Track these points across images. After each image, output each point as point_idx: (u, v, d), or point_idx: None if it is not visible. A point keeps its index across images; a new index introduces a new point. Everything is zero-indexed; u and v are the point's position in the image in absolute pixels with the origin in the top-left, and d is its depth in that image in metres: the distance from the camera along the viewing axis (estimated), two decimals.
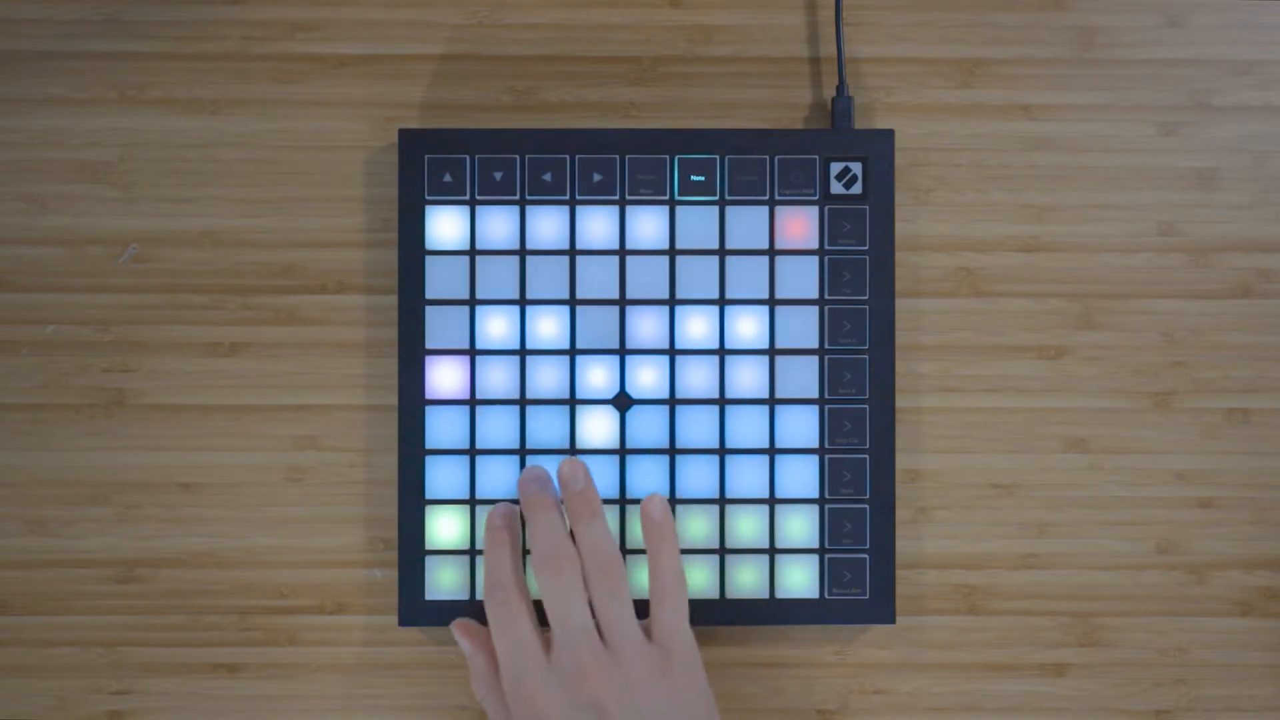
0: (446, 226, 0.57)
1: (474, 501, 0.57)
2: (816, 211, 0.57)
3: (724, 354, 0.57)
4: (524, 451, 0.57)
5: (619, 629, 0.52)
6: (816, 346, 0.57)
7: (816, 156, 0.57)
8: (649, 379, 0.57)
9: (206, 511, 0.58)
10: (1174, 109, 0.59)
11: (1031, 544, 0.59)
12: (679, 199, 0.57)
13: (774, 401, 0.57)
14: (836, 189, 0.57)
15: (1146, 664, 0.59)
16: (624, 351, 0.57)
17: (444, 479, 0.57)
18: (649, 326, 0.57)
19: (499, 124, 0.58)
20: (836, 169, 0.57)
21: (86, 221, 0.58)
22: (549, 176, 0.57)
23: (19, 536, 0.58)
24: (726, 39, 0.59)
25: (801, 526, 0.57)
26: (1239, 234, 0.59)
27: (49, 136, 0.58)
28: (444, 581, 0.56)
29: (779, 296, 0.57)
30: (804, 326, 0.57)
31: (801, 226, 0.57)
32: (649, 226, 0.57)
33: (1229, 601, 0.59)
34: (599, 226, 0.57)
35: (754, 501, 0.57)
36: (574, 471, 0.55)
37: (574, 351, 0.57)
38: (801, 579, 0.57)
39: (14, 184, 0.58)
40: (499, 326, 0.57)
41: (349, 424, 0.58)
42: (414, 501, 0.56)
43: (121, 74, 0.58)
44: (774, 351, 0.57)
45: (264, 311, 0.58)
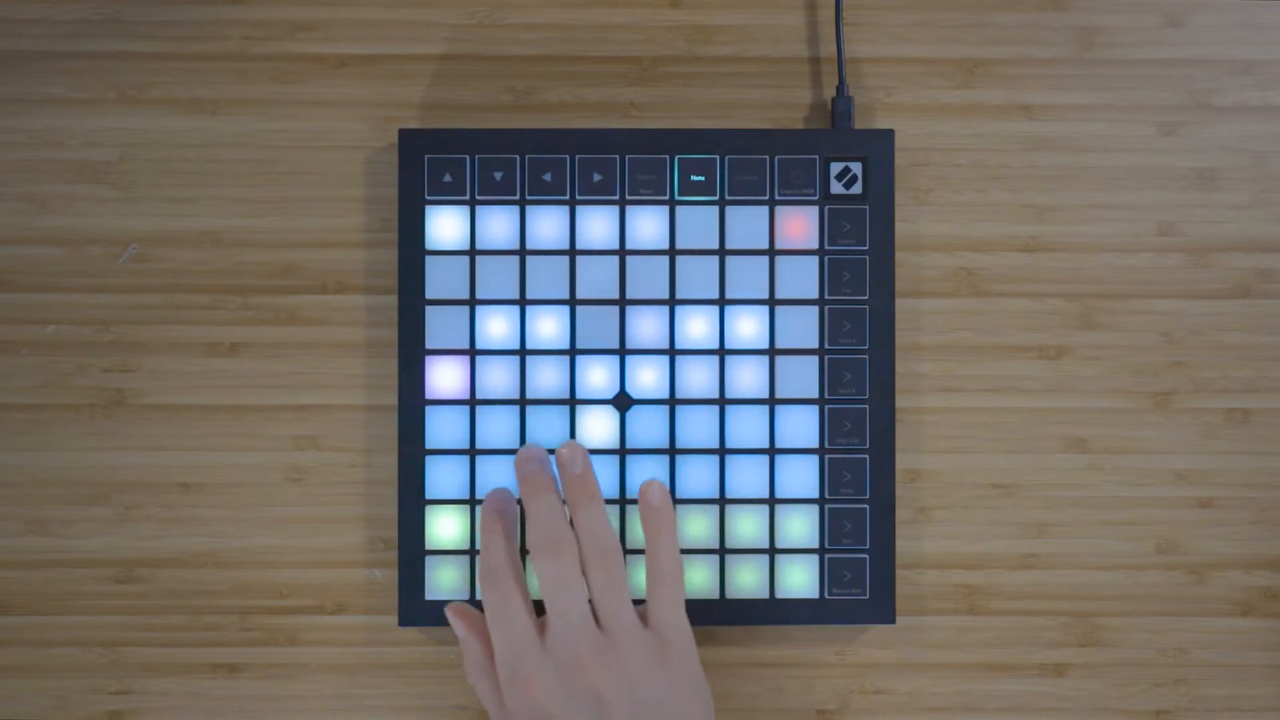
0: (446, 226, 0.57)
1: (474, 502, 0.57)
2: (816, 211, 0.57)
3: (724, 354, 0.57)
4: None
5: (615, 616, 0.52)
6: (816, 346, 0.57)
7: (816, 156, 0.57)
8: (649, 379, 0.57)
9: (206, 511, 0.58)
10: (1174, 109, 0.59)
11: (1031, 544, 0.59)
12: (679, 199, 0.57)
13: (774, 401, 0.57)
14: (836, 189, 0.57)
15: (1146, 664, 0.59)
16: (624, 351, 0.57)
17: (444, 479, 0.57)
18: (649, 326, 0.57)
19: (499, 124, 0.58)
20: (836, 169, 0.57)
21: (86, 221, 0.58)
22: (549, 176, 0.57)
23: (19, 536, 0.58)
24: (726, 39, 0.59)
25: (801, 526, 0.57)
26: (1239, 234, 0.59)
27: (49, 136, 0.58)
28: (444, 581, 0.56)
29: (779, 296, 0.57)
30: (804, 326, 0.57)
31: (801, 226, 0.57)
32: (649, 226, 0.57)
33: (1229, 601, 0.59)
34: (599, 226, 0.57)
35: (754, 501, 0.57)
36: (572, 455, 0.54)
37: (574, 351, 0.57)
38: (801, 579, 0.57)
39: (14, 184, 0.58)
40: (499, 326, 0.57)
41: (349, 424, 0.58)
42: (414, 501, 0.56)
43: (121, 74, 0.58)
44: (774, 351, 0.57)
45: (264, 311, 0.58)
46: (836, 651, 0.59)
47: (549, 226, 0.57)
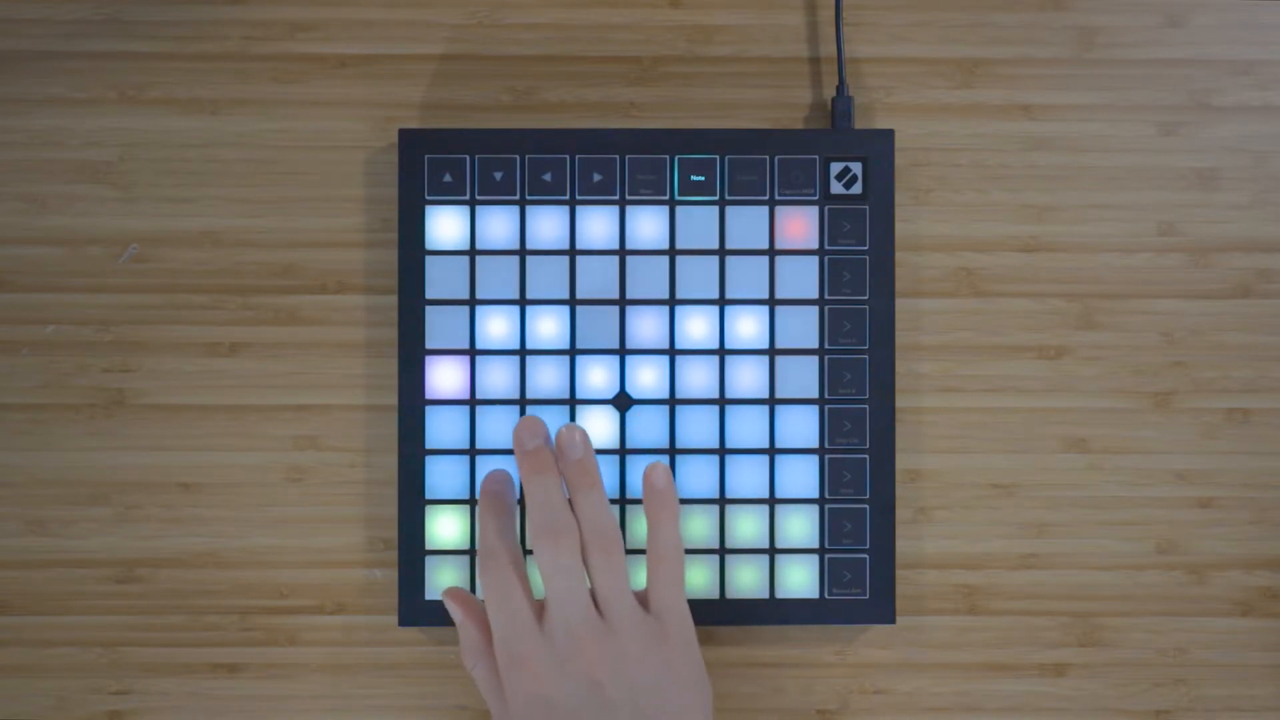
0: (446, 226, 0.57)
1: (474, 502, 0.56)
2: (816, 211, 0.57)
3: (724, 354, 0.57)
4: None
5: (614, 600, 0.52)
6: (816, 346, 0.57)
7: (816, 156, 0.57)
8: (649, 379, 0.57)
9: (206, 511, 0.58)
10: (1174, 109, 0.59)
11: (1031, 544, 0.59)
12: (679, 199, 0.57)
13: (774, 401, 0.57)
14: (836, 189, 0.57)
15: (1146, 664, 0.59)
16: (624, 351, 0.57)
17: (444, 479, 0.57)
18: (649, 326, 0.57)
19: (499, 124, 0.58)
20: (836, 169, 0.57)
21: (86, 221, 0.58)
22: (549, 176, 0.57)
23: (19, 536, 0.58)
24: (726, 39, 0.59)
25: (801, 526, 0.57)
26: (1239, 234, 0.59)
27: (49, 136, 0.58)
28: (444, 581, 0.56)
29: (779, 296, 0.57)
30: (804, 326, 0.57)
31: (801, 226, 0.57)
32: (649, 226, 0.57)
33: (1229, 601, 0.59)
34: (599, 226, 0.57)
35: (754, 501, 0.57)
36: (571, 438, 0.53)
37: (574, 351, 0.57)
38: (801, 579, 0.57)
39: (14, 184, 0.58)
40: (499, 326, 0.57)
41: (349, 424, 0.58)
42: (414, 501, 0.56)
43: (121, 74, 0.58)
44: (774, 351, 0.57)
45: (264, 311, 0.58)
46: (836, 651, 0.59)
47: (549, 226, 0.57)
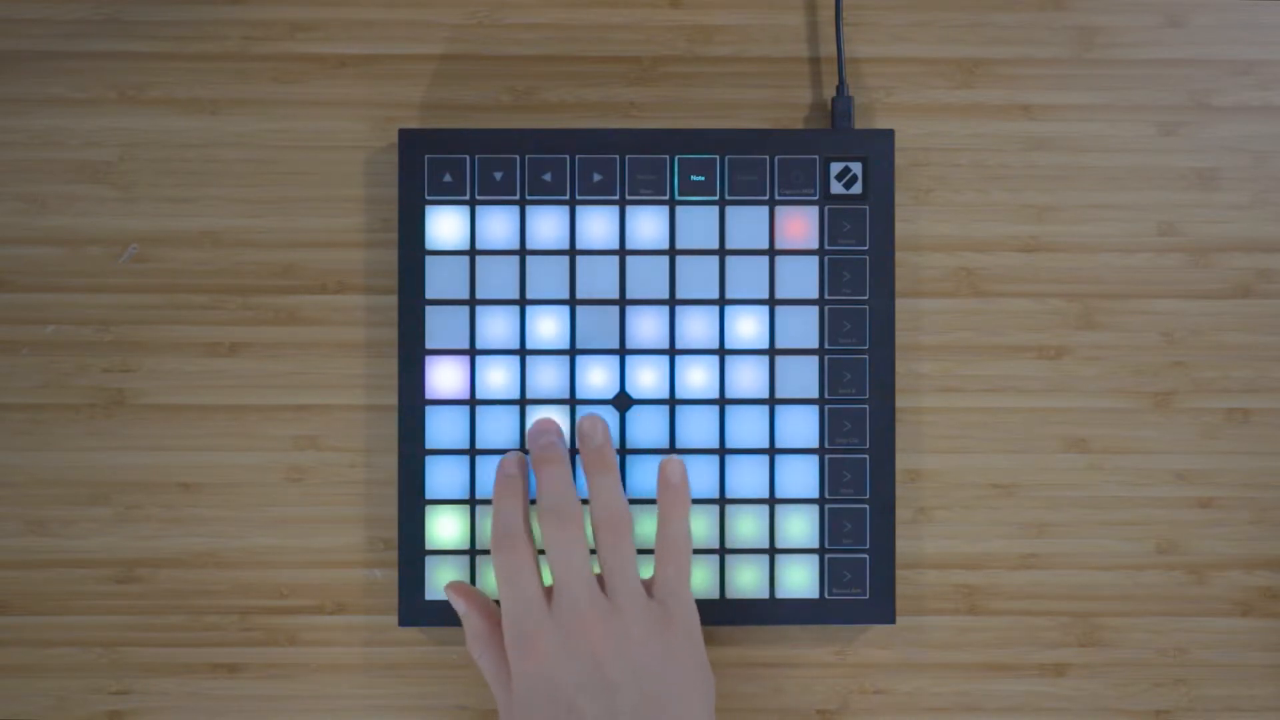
0: (446, 226, 0.57)
1: (474, 501, 0.57)
2: (816, 211, 0.57)
3: (724, 354, 0.57)
4: (524, 451, 0.56)
5: (621, 582, 0.52)
6: (816, 346, 0.57)
7: (816, 156, 0.57)
8: (649, 379, 0.57)
9: (206, 511, 0.58)
10: (1174, 109, 0.59)
11: (1031, 544, 0.59)
12: (679, 199, 0.57)
13: (774, 401, 0.57)
14: (836, 189, 0.57)
15: (1146, 664, 0.59)
16: (624, 351, 0.57)
17: (444, 479, 0.57)
18: (649, 326, 0.57)
19: (499, 124, 0.58)
20: (836, 169, 0.57)
21: (86, 221, 0.58)
22: (549, 176, 0.57)
23: (19, 536, 0.58)
24: (726, 39, 0.59)
25: (801, 526, 0.57)
26: (1239, 234, 0.59)
27: (49, 136, 0.58)
28: (444, 581, 0.56)
29: (779, 296, 0.57)
30: (804, 326, 0.57)
31: (801, 226, 0.57)
32: (649, 226, 0.57)
33: (1229, 601, 0.59)
34: (599, 226, 0.57)
35: (754, 501, 0.57)
36: (593, 427, 0.55)
37: (574, 351, 0.57)
38: (801, 579, 0.57)
39: (14, 184, 0.58)
40: (499, 326, 0.57)
41: (349, 424, 0.58)
42: (414, 501, 0.56)
43: (121, 74, 0.58)
44: (774, 351, 0.57)
45: (264, 311, 0.58)
46: (836, 651, 0.59)
47: (549, 226, 0.57)
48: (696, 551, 0.57)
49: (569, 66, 0.59)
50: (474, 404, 0.57)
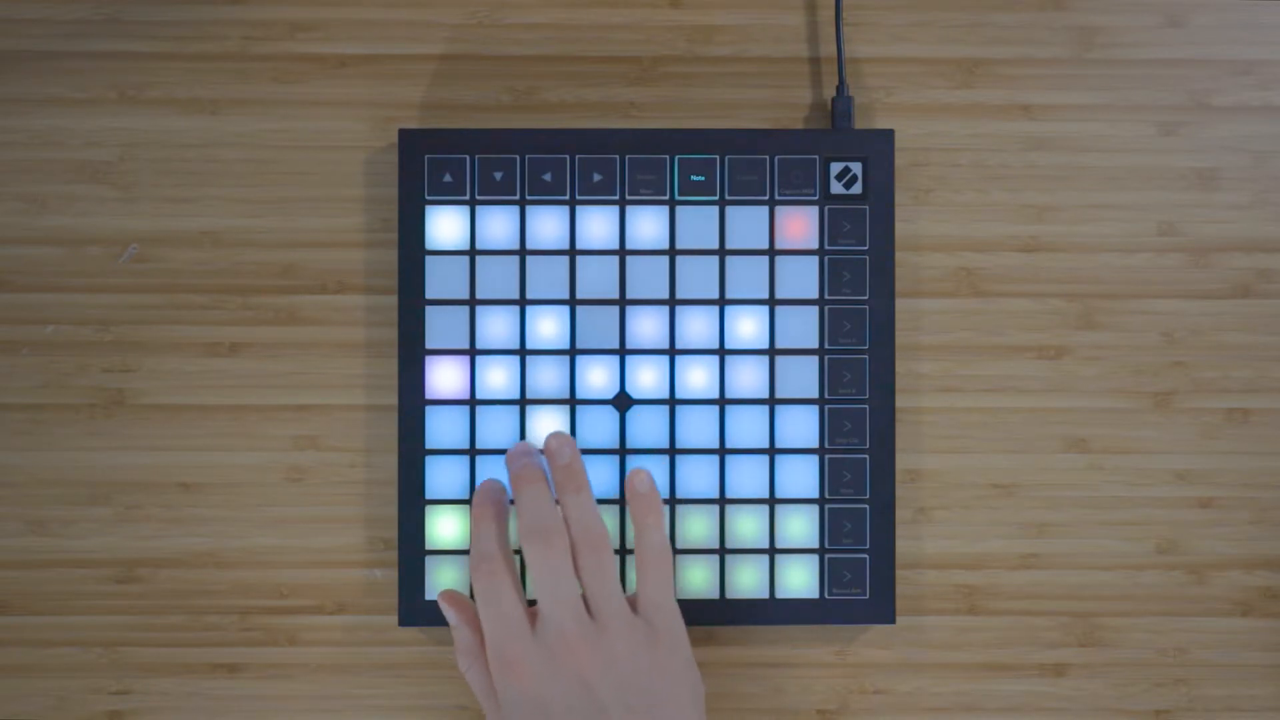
0: (446, 226, 0.57)
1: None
2: (816, 211, 0.57)
3: (724, 354, 0.57)
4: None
5: (605, 602, 0.52)
6: (816, 346, 0.57)
7: (816, 156, 0.57)
8: (649, 379, 0.57)
9: (206, 511, 0.58)
10: (1174, 109, 0.59)
11: (1031, 544, 0.59)
12: (679, 199, 0.57)
13: (774, 401, 0.57)
14: (836, 189, 0.57)
15: (1146, 664, 0.59)
16: (624, 351, 0.57)
17: (444, 479, 0.57)
18: (649, 326, 0.57)
19: (499, 124, 0.58)
20: (836, 169, 0.57)
21: (86, 221, 0.58)
22: (549, 176, 0.57)
23: (19, 536, 0.58)
24: (726, 39, 0.59)
25: (801, 526, 0.57)
26: (1239, 234, 0.59)
27: (49, 136, 0.58)
28: (444, 581, 0.56)
29: (779, 296, 0.57)
30: (804, 326, 0.57)
31: (801, 226, 0.57)
32: (649, 226, 0.57)
33: (1229, 601, 0.59)
34: (599, 226, 0.57)
35: (754, 501, 0.57)
36: (560, 445, 0.54)
37: (574, 351, 0.57)
38: (801, 579, 0.57)
39: (14, 184, 0.58)
40: (499, 326, 0.57)
41: (349, 424, 0.58)
42: (414, 501, 0.56)
43: (121, 74, 0.58)
44: (774, 351, 0.57)
45: (264, 311, 0.58)
46: (836, 651, 0.59)
47: (549, 226, 0.57)
48: (696, 552, 0.57)
49: (569, 66, 0.59)
50: (474, 404, 0.57)
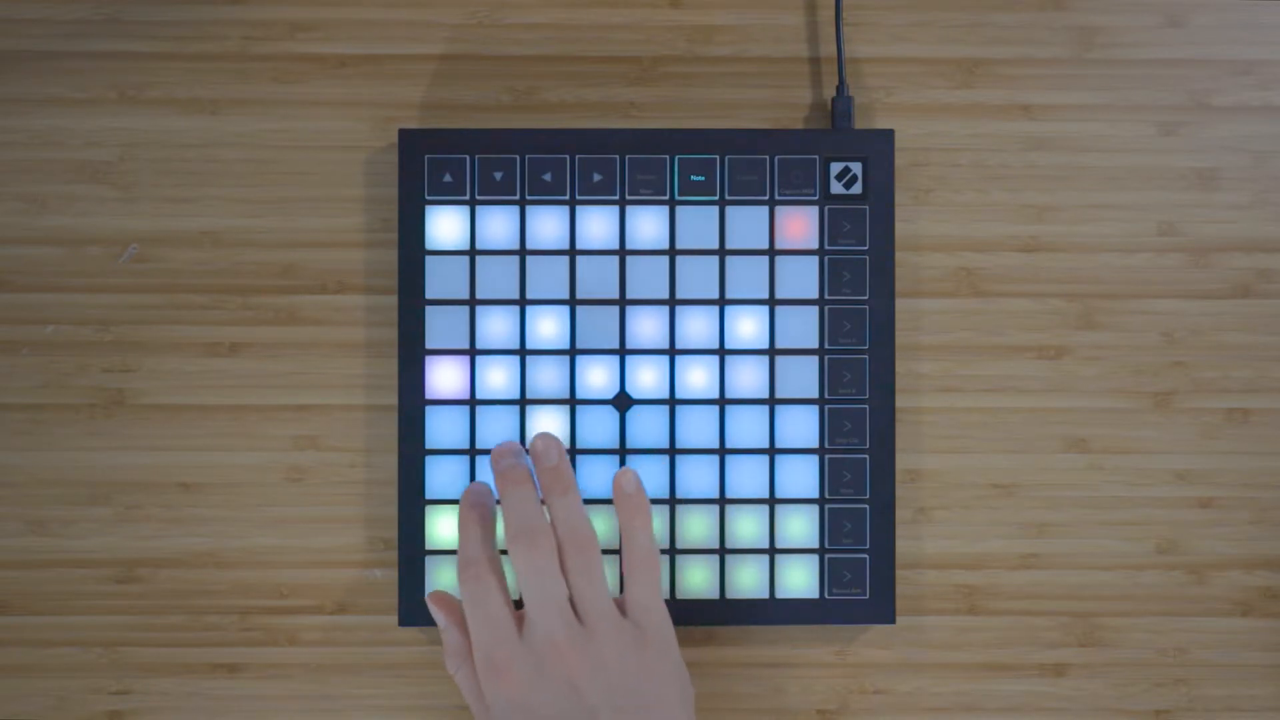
0: (446, 226, 0.57)
1: None
2: (816, 211, 0.57)
3: (724, 354, 0.57)
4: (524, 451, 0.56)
5: (592, 605, 0.52)
6: (816, 346, 0.57)
7: (816, 156, 0.57)
8: (649, 379, 0.57)
9: (206, 511, 0.58)
10: (1174, 109, 0.59)
11: (1031, 544, 0.59)
12: (679, 199, 0.57)
13: (774, 401, 0.57)
14: (836, 189, 0.57)
15: (1146, 664, 0.59)
16: (624, 351, 0.57)
17: (444, 479, 0.57)
18: (649, 326, 0.57)
19: (499, 124, 0.58)
20: (836, 169, 0.57)
21: (86, 221, 0.58)
22: (549, 176, 0.57)
23: (19, 536, 0.58)
24: (726, 39, 0.59)
25: (801, 526, 0.57)
26: (1239, 234, 0.59)
27: (49, 136, 0.58)
28: (444, 581, 0.56)
29: (779, 296, 0.57)
30: (804, 326, 0.57)
31: (801, 226, 0.57)
32: (649, 226, 0.57)
33: (1229, 601, 0.59)
34: (599, 226, 0.57)
35: (754, 501, 0.57)
36: (547, 447, 0.54)
37: (574, 351, 0.57)
38: (801, 579, 0.57)
39: (14, 184, 0.58)
40: (499, 326, 0.57)
41: (349, 424, 0.58)
42: (414, 501, 0.56)
43: (121, 74, 0.58)
44: (774, 351, 0.57)
45: (264, 311, 0.58)
46: (836, 651, 0.59)
47: (549, 226, 0.57)
48: (696, 552, 0.57)
49: (569, 66, 0.59)
50: (474, 404, 0.57)
